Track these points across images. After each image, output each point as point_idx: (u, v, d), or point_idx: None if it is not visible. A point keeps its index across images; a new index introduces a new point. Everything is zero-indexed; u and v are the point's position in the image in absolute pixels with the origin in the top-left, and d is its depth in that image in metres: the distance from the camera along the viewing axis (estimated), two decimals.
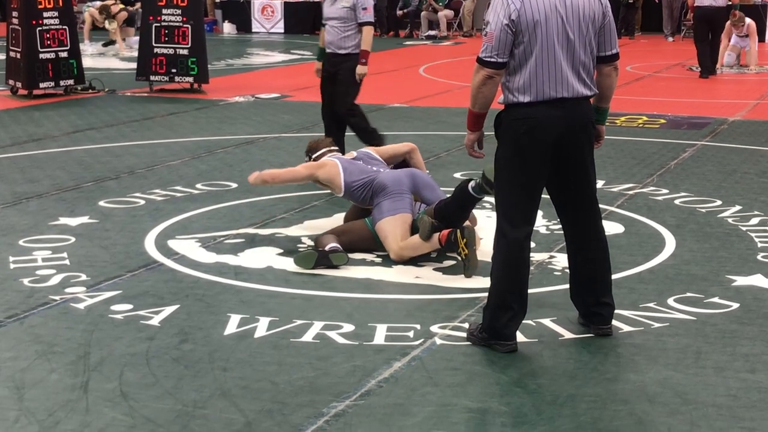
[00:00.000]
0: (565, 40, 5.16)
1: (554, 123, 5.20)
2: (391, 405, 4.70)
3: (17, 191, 8.99)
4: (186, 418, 4.56)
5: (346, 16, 9.41)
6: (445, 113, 13.60)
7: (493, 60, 5.18)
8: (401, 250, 6.80)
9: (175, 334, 5.59)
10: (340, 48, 9.46)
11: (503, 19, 5.13)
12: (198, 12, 15.68)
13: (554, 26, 5.14)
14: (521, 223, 5.29)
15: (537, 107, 5.20)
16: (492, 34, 5.16)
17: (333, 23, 9.46)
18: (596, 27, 5.26)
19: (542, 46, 5.13)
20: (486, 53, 5.20)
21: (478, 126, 5.52)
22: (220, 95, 15.29)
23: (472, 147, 5.62)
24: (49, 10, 14.66)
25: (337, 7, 9.43)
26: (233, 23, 28.07)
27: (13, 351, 5.35)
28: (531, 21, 5.11)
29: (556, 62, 5.16)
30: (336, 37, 9.45)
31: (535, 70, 5.16)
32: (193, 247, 7.24)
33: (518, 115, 5.25)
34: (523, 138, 5.24)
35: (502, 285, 5.34)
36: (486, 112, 5.42)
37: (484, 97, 5.32)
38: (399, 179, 7.14)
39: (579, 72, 5.23)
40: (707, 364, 5.17)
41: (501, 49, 5.15)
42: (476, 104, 5.38)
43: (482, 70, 5.23)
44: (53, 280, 6.51)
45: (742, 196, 8.77)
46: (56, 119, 13.08)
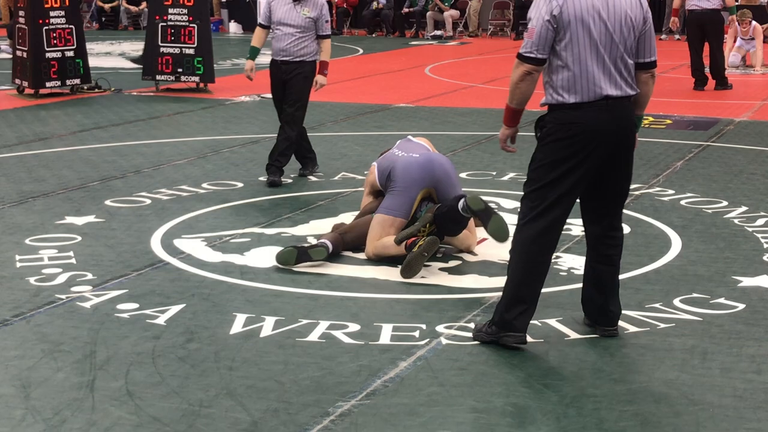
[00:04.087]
0: (608, 41, 5.13)
1: (601, 128, 5.15)
2: (396, 405, 4.70)
3: (24, 190, 9.00)
4: (192, 417, 4.56)
5: (306, 25, 9.13)
6: (451, 113, 13.60)
7: (532, 56, 5.14)
8: (373, 248, 6.88)
9: (181, 333, 5.59)
10: (295, 56, 9.17)
11: (545, 15, 5.10)
12: (204, 11, 15.69)
13: (597, 25, 5.10)
14: (545, 221, 5.24)
15: (584, 110, 5.15)
16: (533, 30, 5.12)
17: (289, 30, 9.11)
18: (637, 32, 5.22)
19: (585, 43, 5.10)
20: (526, 49, 5.16)
21: (515, 122, 5.49)
22: (225, 95, 15.30)
23: (505, 142, 5.57)
24: (55, 10, 14.69)
25: (297, 15, 9.12)
26: (239, 23, 28.08)
27: (19, 350, 5.36)
28: (573, 18, 5.08)
29: (599, 60, 5.12)
30: (290, 44, 9.14)
31: (580, 68, 5.12)
32: (199, 247, 7.24)
33: (565, 119, 5.19)
34: (570, 139, 5.18)
35: (518, 278, 5.30)
36: (523, 108, 5.38)
37: (522, 93, 5.26)
38: (410, 171, 7.02)
39: (621, 72, 5.19)
40: (713, 364, 5.17)
41: (542, 45, 5.12)
42: (514, 100, 5.32)
43: (522, 65, 5.18)
44: (59, 279, 6.52)
45: (748, 197, 8.75)
46: (62, 118, 13.10)
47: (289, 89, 9.26)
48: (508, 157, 10.45)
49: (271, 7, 9.24)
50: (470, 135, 11.73)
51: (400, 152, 7.28)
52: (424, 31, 26.35)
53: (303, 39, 9.16)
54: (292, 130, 9.32)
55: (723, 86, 15.72)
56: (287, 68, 9.23)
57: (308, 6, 9.13)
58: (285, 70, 9.25)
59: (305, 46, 9.19)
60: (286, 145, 9.29)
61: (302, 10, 9.13)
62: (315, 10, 9.16)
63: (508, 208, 8.25)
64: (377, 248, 6.87)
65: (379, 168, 7.27)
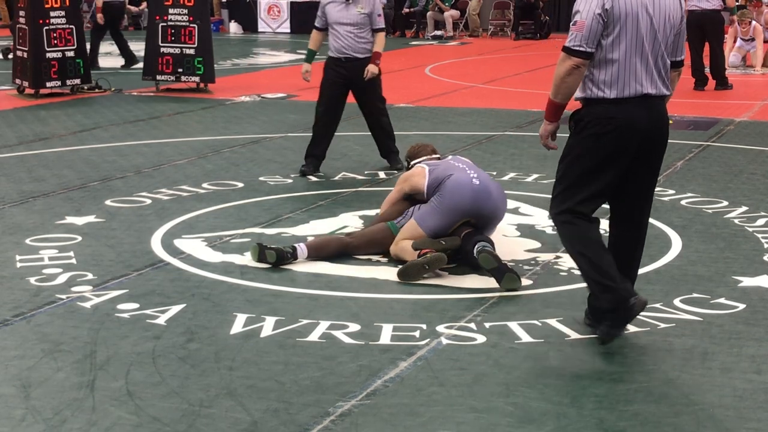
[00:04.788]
0: (652, 37, 5.10)
1: (638, 124, 5.11)
2: (396, 405, 4.70)
3: (24, 190, 9.00)
4: (192, 417, 4.57)
5: (361, 21, 9.60)
6: (452, 113, 13.60)
7: (582, 49, 5.06)
8: (395, 249, 6.85)
9: (181, 333, 5.59)
10: (359, 52, 9.64)
11: (596, 8, 5.03)
12: (204, 12, 15.69)
13: (644, 22, 5.06)
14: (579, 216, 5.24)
15: (622, 105, 5.10)
16: (582, 23, 5.05)
17: (347, 29, 9.59)
18: (675, 31, 5.19)
19: (632, 39, 5.06)
20: (575, 42, 5.07)
21: (558, 116, 5.36)
22: (226, 95, 15.31)
23: (548, 138, 5.43)
24: (55, 10, 14.69)
25: (352, 12, 9.56)
26: (239, 23, 28.09)
27: (19, 349, 5.36)
28: (623, 12, 5.03)
29: (643, 57, 5.08)
30: (352, 42, 9.61)
31: (624, 63, 5.07)
32: (200, 247, 7.24)
33: (602, 114, 5.13)
34: (604, 138, 5.13)
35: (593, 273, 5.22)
36: (567, 103, 5.29)
37: (567, 87, 5.17)
38: (461, 196, 6.72)
39: (661, 70, 5.17)
40: (713, 365, 5.17)
41: (591, 38, 5.05)
42: (559, 94, 5.22)
43: (569, 59, 5.09)
44: (60, 279, 6.52)
45: (748, 197, 8.75)
46: (63, 118, 13.11)
47: (368, 85, 9.71)
48: (508, 157, 10.46)
49: (325, 9, 9.72)
50: (470, 135, 11.73)
51: (459, 164, 7.01)
52: (424, 32, 26.36)
53: (361, 35, 9.61)
54: (383, 118, 9.95)
55: (723, 86, 15.71)
56: (351, 65, 9.64)
57: (361, 3, 9.57)
58: (349, 67, 9.64)
59: (365, 41, 9.63)
60: (390, 133, 9.95)
61: (356, 8, 9.54)
62: (368, 6, 9.61)
63: (508, 209, 8.23)
64: (397, 249, 6.82)
65: (432, 174, 6.94)
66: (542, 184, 9.25)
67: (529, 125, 12.51)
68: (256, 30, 27.86)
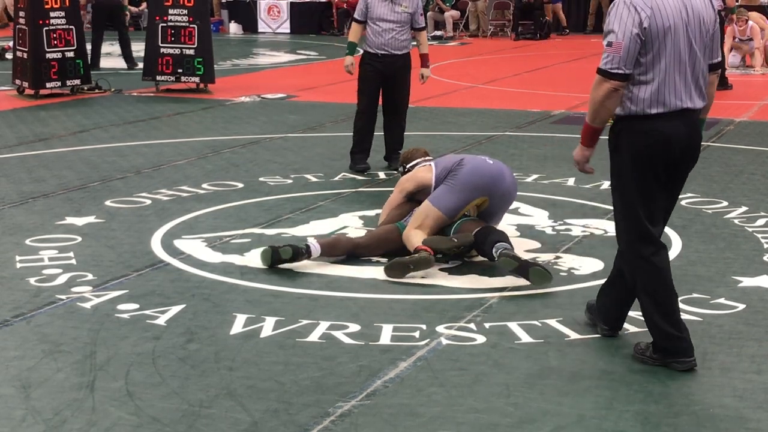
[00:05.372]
0: (688, 48, 4.93)
1: (676, 139, 4.96)
2: (396, 405, 4.70)
3: (24, 191, 9.00)
4: (192, 418, 4.57)
5: (404, 20, 9.76)
6: (452, 114, 13.60)
7: (621, 72, 4.86)
8: (405, 235, 6.87)
9: (181, 333, 5.59)
10: (398, 49, 9.79)
11: (633, 28, 4.84)
12: (204, 12, 15.68)
13: (681, 33, 4.90)
14: (647, 238, 5.07)
15: (662, 120, 4.93)
16: (620, 45, 4.84)
17: (389, 25, 9.71)
18: (710, 34, 5.04)
19: (670, 53, 4.89)
20: (612, 64, 4.87)
21: (594, 141, 5.13)
22: (226, 95, 15.30)
23: (585, 163, 5.23)
24: (55, 10, 14.69)
25: (395, 10, 9.69)
26: (239, 23, 28.06)
27: (19, 350, 5.36)
28: (662, 29, 4.86)
29: (682, 71, 4.92)
30: (392, 38, 9.73)
31: (665, 80, 4.90)
32: (199, 247, 7.24)
33: (642, 128, 4.96)
34: (645, 152, 4.97)
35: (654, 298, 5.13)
36: (603, 127, 5.08)
37: (606, 112, 4.98)
38: (479, 173, 6.88)
39: (698, 81, 5.00)
40: (713, 365, 5.17)
41: (630, 60, 4.86)
42: (597, 119, 5.02)
43: (607, 82, 4.89)
44: (60, 280, 6.52)
45: (748, 197, 8.75)
46: (63, 119, 13.10)
47: (399, 83, 9.90)
48: (508, 158, 10.45)
49: (368, 3, 9.78)
50: (470, 135, 11.73)
51: (470, 156, 7.20)
52: None
53: (402, 32, 9.78)
54: (403, 119, 10.12)
55: (723, 86, 15.72)
56: (389, 61, 9.78)
57: (406, 2, 9.71)
58: (387, 63, 9.78)
59: (405, 39, 9.84)
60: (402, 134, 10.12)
61: (400, 6, 9.69)
62: (412, 5, 9.75)
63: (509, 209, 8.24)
64: (405, 236, 6.87)
65: (438, 167, 7.06)
66: (542, 185, 9.26)
67: (528, 125, 12.52)
68: (256, 30, 27.84)
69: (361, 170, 9.83)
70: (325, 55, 21.70)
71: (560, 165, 10.08)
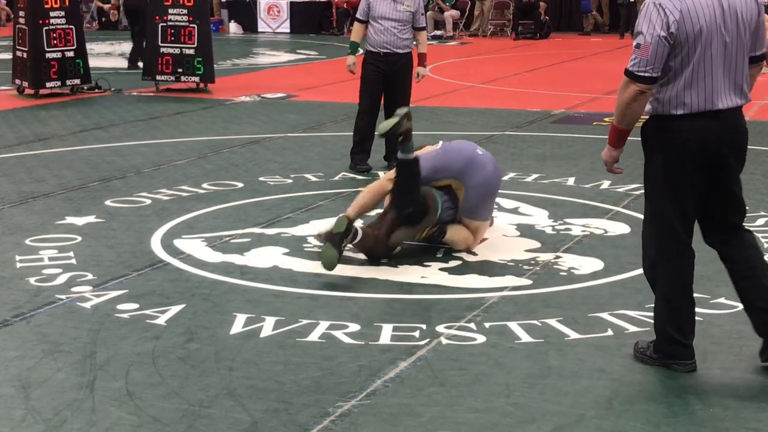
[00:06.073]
0: (722, 47, 4.81)
1: (709, 140, 4.88)
2: (396, 405, 4.70)
3: (24, 190, 9.00)
4: (192, 418, 4.57)
5: (406, 18, 9.80)
6: (452, 113, 13.60)
7: (647, 75, 4.78)
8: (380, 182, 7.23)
9: (181, 333, 5.59)
10: (399, 48, 9.83)
11: (660, 31, 4.73)
12: (204, 12, 15.69)
13: (713, 33, 4.78)
14: (675, 242, 5.01)
15: (693, 120, 4.85)
16: (647, 47, 4.75)
17: (392, 24, 9.75)
18: (751, 29, 4.89)
19: (700, 56, 4.79)
20: (639, 67, 4.78)
21: (622, 143, 5.07)
22: (226, 95, 15.31)
23: (612, 164, 5.17)
24: (55, 10, 14.69)
25: (398, 9, 9.73)
26: (239, 23, 28.08)
27: (19, 350, 5.36)
28: (691, 32, 4.75)
29: (712, 73, 4.81)
30: (394, 37, 9.78)
31: (690, 82, 4.81)
32: (199, 247, 7.24)
33: (671, 127, 4.88)
34: (675, 151, 4.89)
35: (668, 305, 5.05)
36: (632, 128, 5.01)
37: (633, 114, 4.91)
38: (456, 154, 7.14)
39: (734, 79, 4.88)
40: (713, 364, 5.17)
41: (657, 63, 4.77)
42: (623, 121, 4.95)
43: (634, 84, 4.81)
44: (59, 280, 6.52)
45: (748, 197, 8.64)
46: (62, 119, 13.10)
47: (400, 82, 9.94)
48: (508, 157, 10.46)
49: (370, 3, 9.83)
50: (470, 135, 11.72)
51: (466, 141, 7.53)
52: None
53: (403, 31, 9.83)
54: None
55: None
56: (392, 60, 9.84)
57: (408, 0, 9.77)
58: (389, 62, 9.83)
59: (406, 38, 9.88)
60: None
61: (403, 5, 9.73)
62: (414, 3, 9.82)
63: (508, 208, 8.25)
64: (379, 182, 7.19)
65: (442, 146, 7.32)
66: (542, 184, 9.26)
67: (528, 125, 12.52)
68: (256, 30, 27.85)
69: (362, 171, 9.84)
70: (325, 54, 21.71)
71: (560, 164, 10.08)
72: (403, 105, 10.06)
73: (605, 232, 7.64)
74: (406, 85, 10.03)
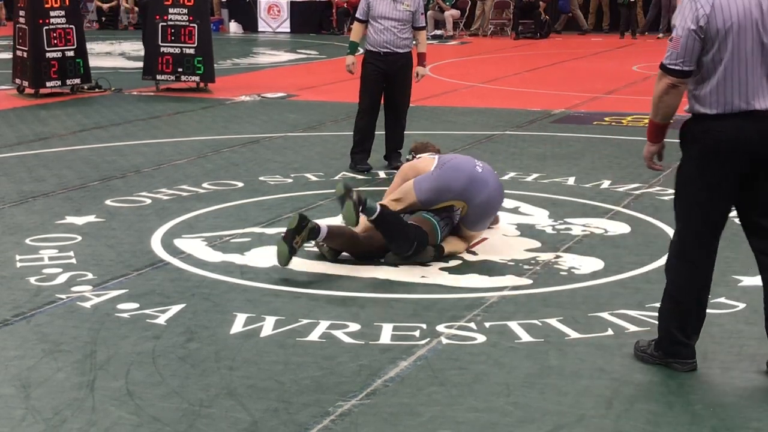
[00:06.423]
0: (758, 46, 4.73)
1: (748, 137, 4.77)
2: (397, 404, 4.70)
3: (24, 190, 9.00)
4: (192, 417, 4.56)
5: (406, 18, 9.80)
6: (452, 113, 13.60)
7: (678, 68, 4.76)
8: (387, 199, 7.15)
9: (181, 333, 5.59)
10: (399, 47, 9.83)
11: (690, 24, 4.70)
12: (204, 11, 15.69)
13: (747, 31, 4.70)
14: (699, 245, 4.98)
15: (725, 122, 4.78)
16: (678, 40, 4.73)
17: (392, 23, 9.76)
18: None
19: (732, 54, 4.72)
20: (670, 60, 4.77)
21: (660, 137, 5.04)
22: (226, 94, 15.30)
23: (651, 159, 5.15)
24: (55, 10, 14.69)
25: (397, 8, 9.74)
26: (239, 22, 28.07)
27: (19, 349, 5.36)
28: (722, 27, 4.69)
29: (747, 72, 4.73)
30: (393, 37, 9.78)
31: (723, 81, 4.74)
32: (200, 246, 7.24)
33: (707, 127, 4.82)
34: (711, 152, 4.82)
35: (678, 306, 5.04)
36: (669, 122, 4.99)
37: (666, 107, 4.88)
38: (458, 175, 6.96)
39: None
40: (714, 364, 5.17)
41: (687, 56, 4.73)
42: (658, 114, 4.93)
43: (665, 77, 4.80)
44: (60, 279, 6.52)
45: None
46: (63, 118, 13.10)
47: (400, 81, 9.95)
48: (508, 157, 10.46)
49: (370, 2, 9.84)
50: (470, 134, 11.73)
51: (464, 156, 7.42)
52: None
53: (403, 31, 9.84)
54: (403, 118, 10.15)
55: None
56: (392, 59, 9.83)
57: (407, 0, 9.78)
58: (389, 61, 9.83)
59: (406, 37, 9.88)
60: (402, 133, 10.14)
61: (402, 4, 9.74)
62: (414, 3, 9.81)
63: (508, 208, 8.24)
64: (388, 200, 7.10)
65: (440, 160, 7.16)
66: (542, 184, 9.25)
67: (529, 125, 12.51)
68: (256, 29, 27.84)
69: (362, 170, 9.83)
70: (325, 54, 21.71)
71: (560, 164, 10.08)
72: (403, 104, 10.07)
73: (605, 231, 7.64)
74: (406, 85, 10.03)
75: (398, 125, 10.11)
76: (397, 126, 10.11)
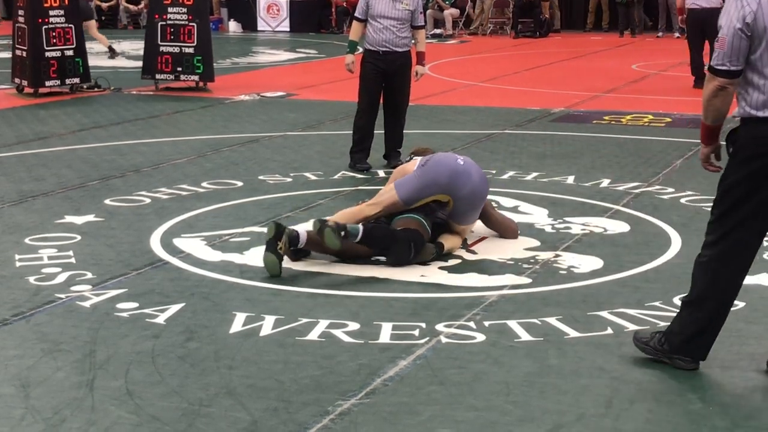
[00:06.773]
0: None
1: None
2: (396, 403, 4.70)
3: (23, 189, 9.00)
4: (191, 417, 4.56)
5: (405, 17, 9.80)
6: (451, 112, 13.60)
7: (725, 68, 4.67)
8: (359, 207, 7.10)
9: (181, 332, 5.59)
10: (398, 46, 9.82)
11: (736, 23, 4.61)
12: (204, 10, 15.67)
13: None
14: (732, 258, 4.88)
15: None
16: (724, 40, 4.65)
17: (389, 23, 9.74)
18: None
19: None
20: (718, 61, 4.69)
21: (713, 139, 4.92)
22: (225, 93, 15.30)
23: (707, 160, 5.04)
24: (55, 9, 14.68)
25: (396, 8, 9.73)
26: (239, 22, 28.06)
27: (19, 349, 5.36)
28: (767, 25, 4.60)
29: None
30: (392, 36, 9.78)
31: None
32: (199, 246, 7.24)
33: (757, 133, 4.69)
34: (754, 163, 4.71)
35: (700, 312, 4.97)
36: (721, 124, 4.86)
37: (716, 110, 4.78)
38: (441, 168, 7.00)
39: None
40: (713, 363, 5.16)
41: (734, 55, 4.64)
42: (708, 117, 4.82)
43: (714, 79, 4.71)
44: (59, 279, 6.52)
45: None
46: (62, 117, 13.10)
47: (399, 80, 9.95)
48: (507, 156, 10.46)
49: (369, 2, 9.83)
50: (470, 134, 11.73)
51: (443, 153, 7.44)
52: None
53: (402, 30, 9.80)
54: (403, 118, 10.16)
55: None
56: (391, 58, 9.82)
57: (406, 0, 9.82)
58: (389, 60, 9.83)
59: (405, 36, 9.86)
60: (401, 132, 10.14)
61: (402, 3, 9.74)
62: (413, 2, 9.80)
63: (508, 207, 8.25)
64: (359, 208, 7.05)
65: (421, 161, 7.16)
66: (542, 183, 9.25)
67: (528, 123, 12.51)
68: (256, 29, 27.83)
69: (362, 169, 9.84)
70: (325, 53, 21.70)
71: (560, 163, 10.08)
72: (402, 103, 10.07)
73: (605, 230, 7.64)
74: (405, 84, 10.02)
75: (397, 124, 10.11)
76: (397, 125, 10.11)
